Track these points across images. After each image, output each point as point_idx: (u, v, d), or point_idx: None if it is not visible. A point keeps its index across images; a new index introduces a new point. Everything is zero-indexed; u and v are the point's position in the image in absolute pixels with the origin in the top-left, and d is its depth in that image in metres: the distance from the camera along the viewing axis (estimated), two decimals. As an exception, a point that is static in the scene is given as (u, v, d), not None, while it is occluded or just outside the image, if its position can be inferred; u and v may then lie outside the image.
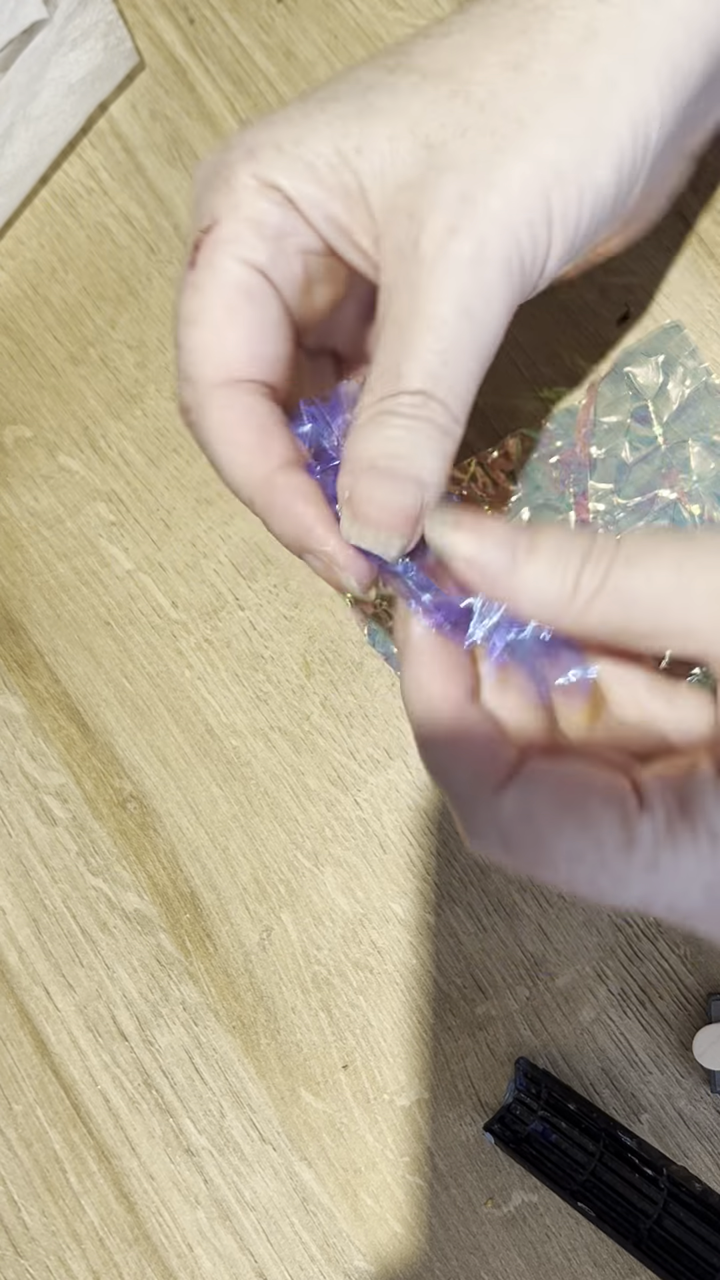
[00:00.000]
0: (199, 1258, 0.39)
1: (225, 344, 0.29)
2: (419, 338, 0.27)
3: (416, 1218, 0.37)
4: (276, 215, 0.28)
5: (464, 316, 0.27)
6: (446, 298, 0.27)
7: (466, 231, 0.27)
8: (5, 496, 0.42)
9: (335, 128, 0.28)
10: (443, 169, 0.27)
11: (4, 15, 0.38)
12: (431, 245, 0.27)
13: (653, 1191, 0.35)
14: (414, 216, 0.27)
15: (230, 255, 0.29)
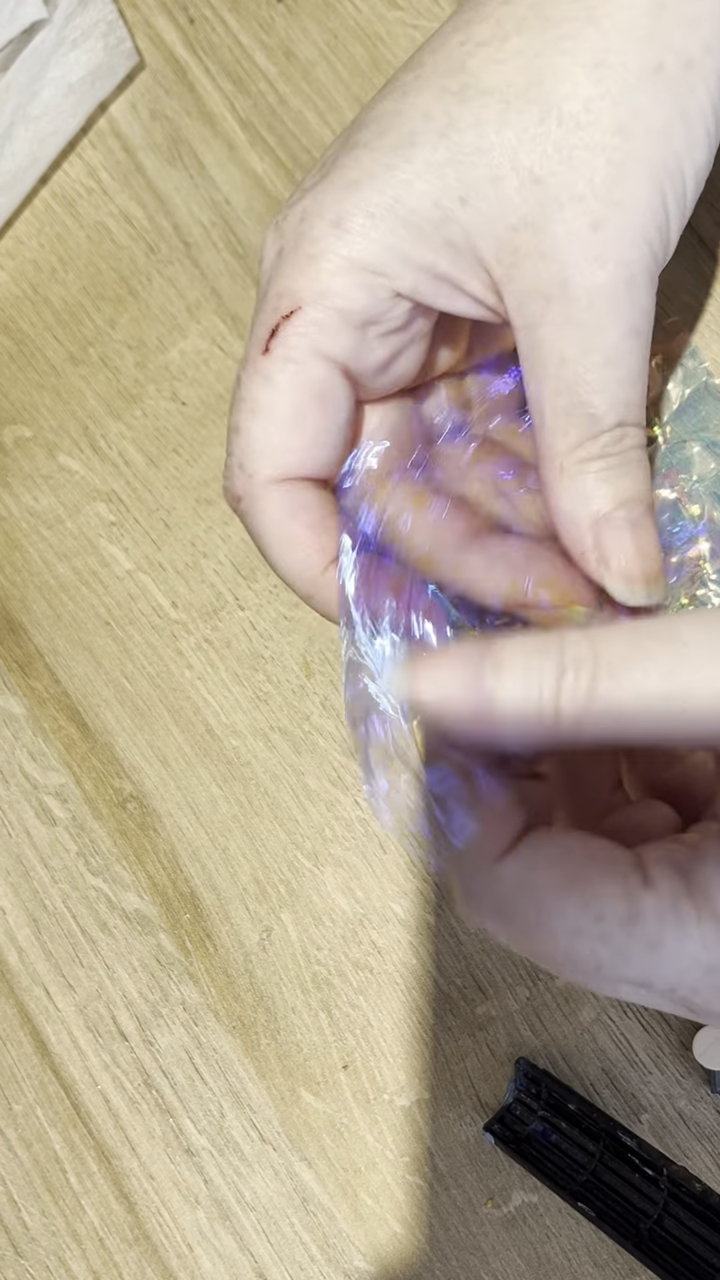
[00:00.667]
0: (199, 1258, 0.39)
1: (291, 445, 0.28)
2: (603, 373, 0.26)
3: (416, 1218, 0.37)
4: (366, 301, 0.27)
5: (634, 337, 0.27)
6: (618, 327, 0.26)
7: (613, 259, 0.26)
8: (5, 496, 0.42)
9: (430, 181, 0.26)
10: (563, 202, 0.26)
11: (4, 15, 0.38)
12: (582, 281, 0.26)
13: (653, 1192, 0.35)
14: (547, 256, 0.26)
15: (312, 349, 0.27)
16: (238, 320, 0.41)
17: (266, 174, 0.41)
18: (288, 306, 0.27)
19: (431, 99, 0.26)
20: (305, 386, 0.27)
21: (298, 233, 0.27)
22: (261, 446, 0.28)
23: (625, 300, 0.26)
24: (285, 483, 0.28)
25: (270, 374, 0.27)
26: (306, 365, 0.27)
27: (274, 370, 0.27)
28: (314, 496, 0.29)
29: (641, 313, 0.27)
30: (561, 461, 0.27)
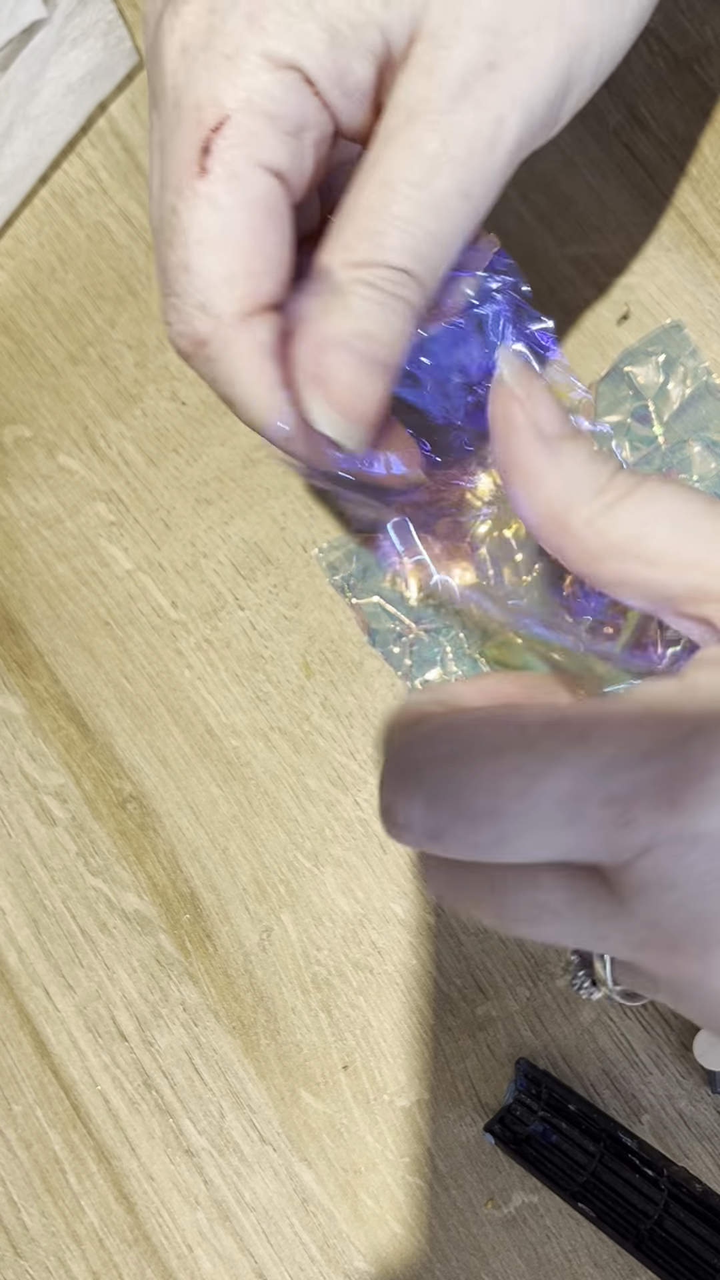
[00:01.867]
0: (199, 1258, 0.38)
1: (253, 270, 0.25)
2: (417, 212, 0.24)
3: (416, 1218, 0.37)
4: (295, 103, 0.24)
5: (463, 198, 0.24)
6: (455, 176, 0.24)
7: (489, 109, 0.24)
8: (5, 496, 0.42)
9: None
10: (475, 27, 0.23)
11: (4, 14, 0.38)
12: (450, 115, 0.24)
13: (653, 1192, 0.35)
14: (433, 74, 0.24)
15: (251, 160, 0.24)
16: (238, 320, 0.41)
17: (266, 173, 0.41)
18: (213, 117, 0.24)
19: None
20: (254, 203, 0.25)
21: (207, 27, 0.24)
22: (223, 278, 0.25)
23: (479, 156, 0.24)
24: (253, 316, 0.26)
25: (214, 196, 0.25)
26: (250, 179, 0.25)
27: (217, 191, 0.24)
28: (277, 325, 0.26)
29: (485, 179, 0.25)
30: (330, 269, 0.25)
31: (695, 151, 0.38)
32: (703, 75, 0.38)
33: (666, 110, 0.38)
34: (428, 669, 0.38)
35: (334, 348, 0.25)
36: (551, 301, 0.38)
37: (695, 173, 0.38)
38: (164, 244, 0.25)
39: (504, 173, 0.25)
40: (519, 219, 0.39)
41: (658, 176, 0.38)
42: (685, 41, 0.38)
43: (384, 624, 0.39)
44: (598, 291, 0.38)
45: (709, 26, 0.38)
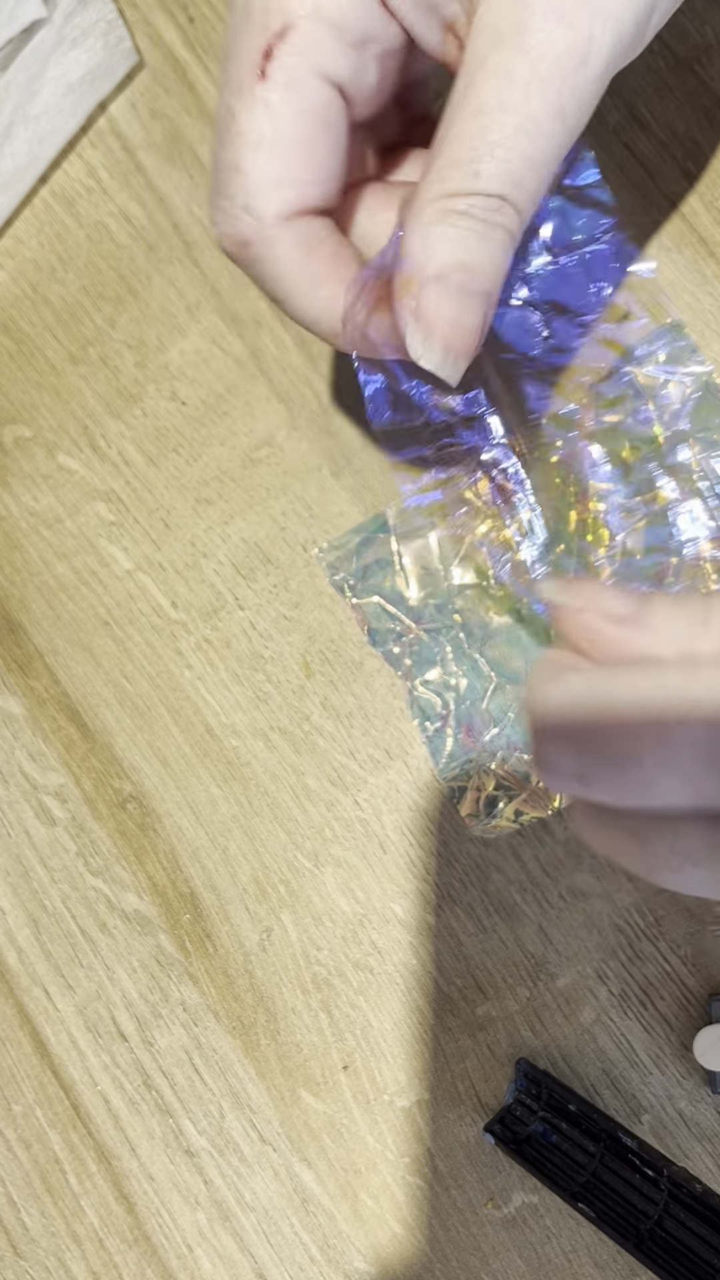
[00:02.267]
0: (199, 1259, 0.38)
1: (300, 177, 0.26)
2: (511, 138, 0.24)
3: (416, 1219, 0.37)
4: (362, 14, 0.25)
5: (557, 119, 0.24)
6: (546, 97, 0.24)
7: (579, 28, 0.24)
8: (4, 496, 0.42)
9: None
10: None
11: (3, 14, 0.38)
12: (537, 35, 0.23)
13: (653, 1193, 0.35)
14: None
15: (312, 69, 0.25)
16: (238, 320, 0.41)
17: (266, 173, 0.41)
18: (279, 23, 0.24)
19: None
20: (310, 112, 0.25)
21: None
22: (271, 181, 0.25)
23: (570, 75, 0.24)
24: (297, 218, 0.26)
25: (270, 100, 0.25)
26: (309, 88, 0.25)
27: (274, 96, 0.25)
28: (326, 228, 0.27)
29: (578, 98, 0.24)
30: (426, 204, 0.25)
31: (695, 151, 0.38)
32: (703, 75, 0.38)
33: (666, 110, 0.38)
34: (428, 669, 0.38)
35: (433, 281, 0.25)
36: (551, 301, 0.38)
37: (695, 172, 0.38)
38: (219, 144, 0.25)
39: (597, 91, 0.25)
40: (519, 219, 0.39)
41: (657, 176, 0.38)
42: (685, 41, 0.38)
43: (384, 624, 0.39)
44: (598, 291, 0.38)
45: (709, 26, 0.38)
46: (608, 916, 0.36)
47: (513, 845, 0.37)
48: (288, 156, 0.25)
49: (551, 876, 0.37)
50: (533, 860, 0.37)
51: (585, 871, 0.37)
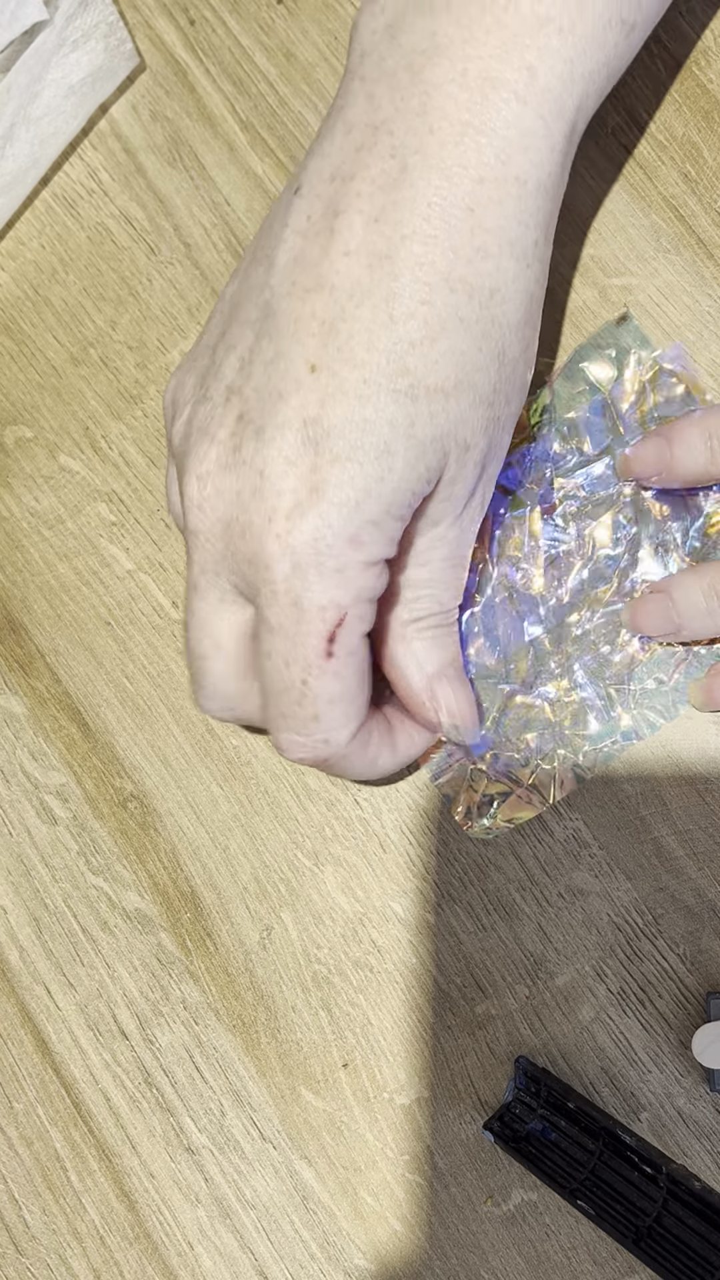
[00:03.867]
0: (199, 1256, 0.39)
1: (360, 709, 0.33)
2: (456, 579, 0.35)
3: (416, 1216, 0.37)
4: (380, 579, 0.32)
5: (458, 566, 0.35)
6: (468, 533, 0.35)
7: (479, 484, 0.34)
8: (6, 497, 0.43)
9: (409, 480, 0.31)
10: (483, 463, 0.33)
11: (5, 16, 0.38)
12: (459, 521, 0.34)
13: (652, 1190, 0.35)
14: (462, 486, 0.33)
15: (357, 635, 0.32)
16: (238, 321, 0.41)
17: (267, 175, 0.41)
18: (335, 616, 0.31)
19: (390, 403, 0.30)
20: (360, 664, 0.32)
21: (317, 552, 0.30)
22: (342, 722, 0.33)
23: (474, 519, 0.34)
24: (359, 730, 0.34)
25: (339, 671, 0.32)
26: (360, 651, 0.32)
27: (341, 668, 0.32)
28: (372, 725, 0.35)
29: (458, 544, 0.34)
30: (403, 631, 0.34)
31: (694, 153, 0.38)
32: (701, 77, 0.38)
33: (665, 112, 0.38)
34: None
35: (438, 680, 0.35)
36: (550, 303, 0.38)
37: (694, 174, 0.38)
38: (292, 702, 0.32)
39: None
40: (518, 220, 0.39)
41: (656, 178, 0.38)
42: (684, 43, 0.38)
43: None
44: (597, 293, 0.38)
45: (708, 29, 0.38)
46: (606, 915, 0.37)
47: (512, 844, 0.37)
48: (350, 705, 0.33)
49: (550, 875, 0.37)
50: (532, 859, 0.37)
51: (584, 870, 0.37)
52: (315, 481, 0.30)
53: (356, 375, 0.30)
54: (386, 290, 0.30)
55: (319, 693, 0.32)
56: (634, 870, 0.36)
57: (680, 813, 0.36)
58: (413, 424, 0.30)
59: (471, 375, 0.31)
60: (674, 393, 0.37)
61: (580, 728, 0.37)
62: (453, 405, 0.31)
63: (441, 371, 0.31)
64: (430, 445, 0.31)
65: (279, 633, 0.31)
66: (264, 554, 0.31)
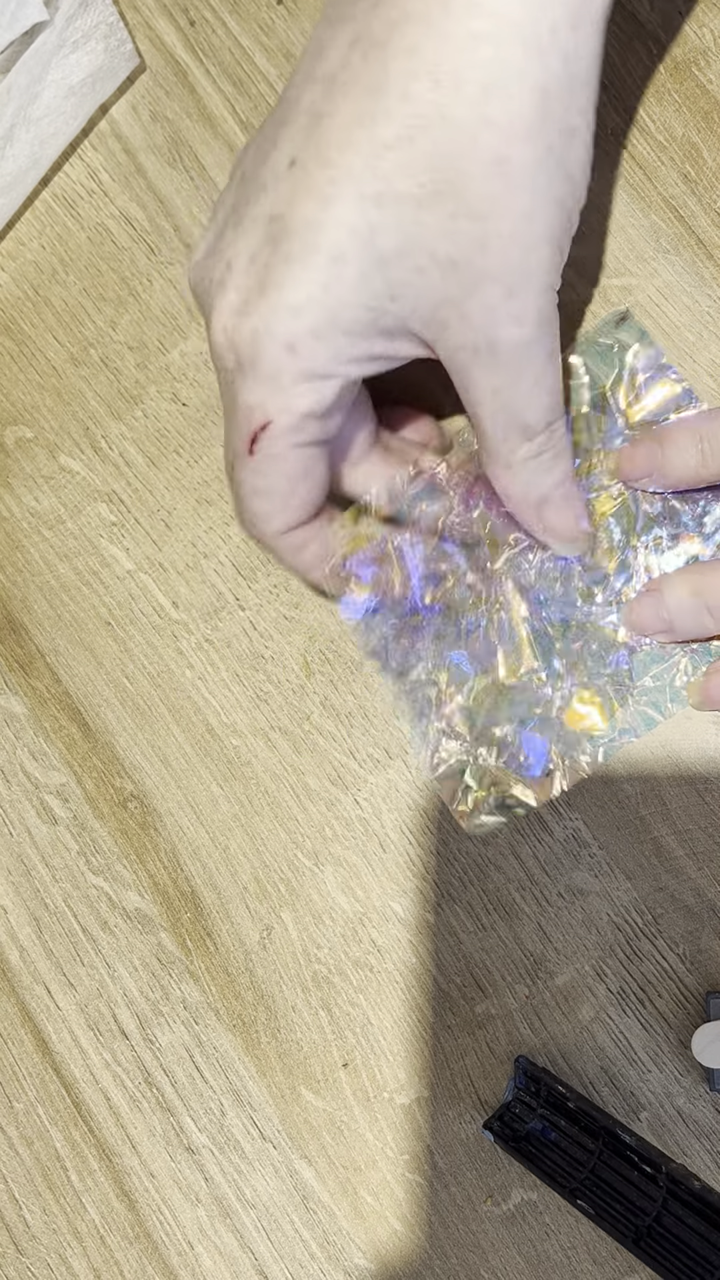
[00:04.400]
0: (199, 1255, 0.39)
1: (289, 510, 0.33)
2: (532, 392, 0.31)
3: (416, 1215, 0.37)
4: (322, 399, 0.30)
5: (552, 358, 0.31)
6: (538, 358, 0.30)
7: (529, 317, 0.30)
8: (6, 497, 0.43)
9: (362, 290, 0.29)
10: (478, 281, 0.29)
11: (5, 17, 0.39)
12: (506, 339, 0.30)
13: (651, 1189, 0.35)
14: (470, 322, 0.29)
15: (289, 444, 0.31)
16: (238, 321, 0.41)
17: (267, 176, 0.41)
18: (260, 419, 0.31)
19: (354, 208, 0.28)
20: (289, 472, 0.32)
21: (252, 352, 0.30)
22: (265, 515, 0.33)
23: (544, 340, 0.30)
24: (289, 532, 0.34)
25: (258, 468, 0.32)
26: (287, 457, 0.32)
27: (261, 466, 0.32)
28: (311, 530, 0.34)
29: (554, 336, 0.31)
30: (508, 459, 0.33)
31: (694, 154, 0.38)
32: (701, 78, 0.38)
33: (665, 113, 0.38)
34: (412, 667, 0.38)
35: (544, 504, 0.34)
36: (550, 303, 0.38)
37: (693, 175, 0.38)
38: (228, 479, 0.33)
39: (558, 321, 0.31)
40: (518, 221, 0.39)
41: (656, 179, 0.38)
42: (684, 44, 0.38)
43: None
44: (597, 293, 0.38)
45: (708, 29, 0.38)
46: (606, 915, 0.37)
47: (511, 844, 0.37)
48: (276, 502, 0.33)
49: (550, 875, 0.37)
50: (531, 859, 0.37)
51: (584, 870, 0.37)
52: (265, 280, 0.29)
53: (324, 175, 0.28)
54: (371, 82, 0.28)
55: (241, 481, 0.32)
56: (634, 870, 0.36)
57: (680, 813, 0.36)
58: (374, 232, 0.28)
59: (454, 183, 0.27)
60: (667, 395, 0.37)
61: (577, 723, 0.37)
62: (428, 216, 0.28)
63: (414, 175, 0.28)
64: (396, 257, 0.28)
65: (225, 416, 0.32)
66: (214, 346, 0.31)
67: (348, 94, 0.28)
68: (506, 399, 0.31)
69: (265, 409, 0.30)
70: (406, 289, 0.29)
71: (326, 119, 0.28)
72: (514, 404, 0.31)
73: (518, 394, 0.31)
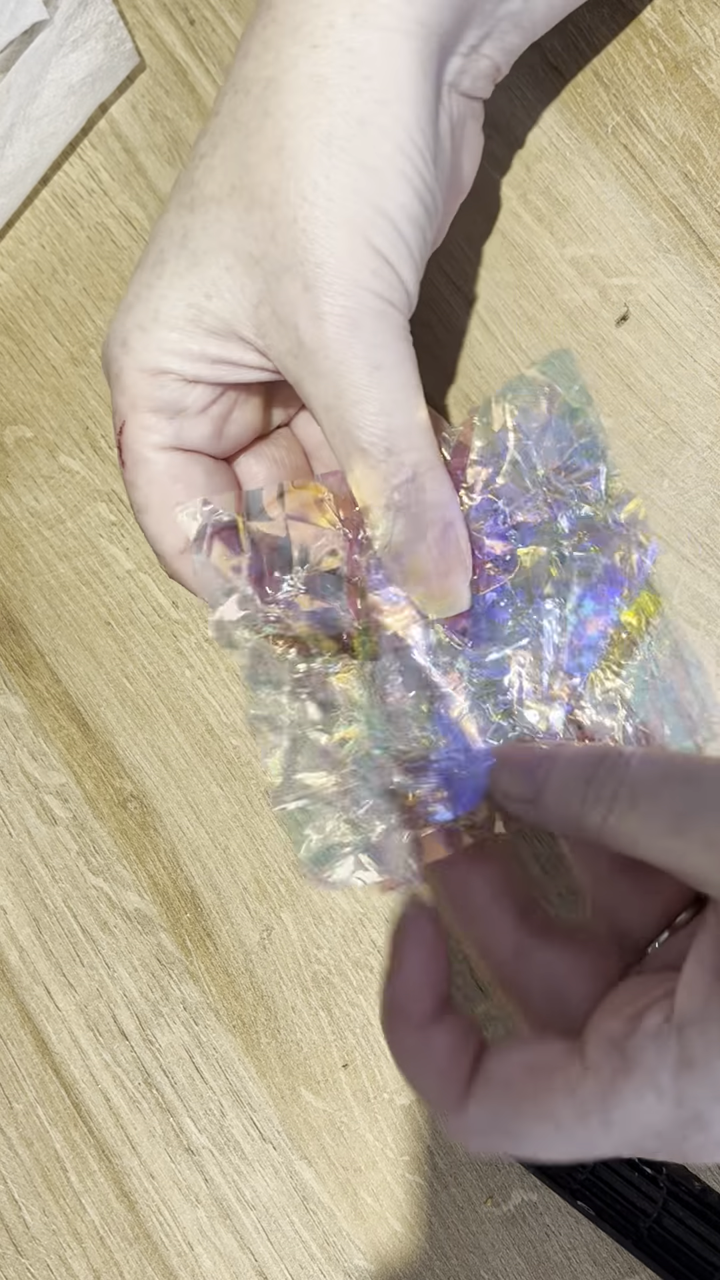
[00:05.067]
0: (199, 1256, 0.39)
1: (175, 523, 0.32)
2: (358, 411, 0.29)
3: (416, 1216, 0.37)
4: (169, 393, 0.31)
5: (376, 372, 0.29)
6: (356, 369, 0.29)
7: (329, 313, 0.29)
8: (6, 497, 0.43)
9: (178, 287, 0.30)
10: (278, 273, 0.29)
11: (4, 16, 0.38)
12: (311, 338, 0.29)
13: (652, 1190, 0.35)
14: (283, 321, 0.29)
15: (147, 446, 0.31)
16: (238, 321, 0.41)
17: (267, 175, 0.41)
18: (118, 423, 0.31)
19: (174, 215, 0.31)
20: (158, 475, 0.32)
21: (106, 358, 0.31)
22: (156, 533, 0.32)
23: (355, 344, 0.29)
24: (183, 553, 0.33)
25: (132, 480, 0.32)
26: (151, 459, 0.32)
27: (133, 476, 0.32)
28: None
29: (378, 349, 0.29)
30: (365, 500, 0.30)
31: (694, 153, 0.38)
32: (702, 77, 0.38)
33: (665, 111, 0.38)
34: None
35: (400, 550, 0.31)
36: (551, 302, 0.38)
37: (694, 174, 0.38)
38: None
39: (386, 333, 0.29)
40: (518, 220, 0.39)
41: (656, 178, 0.38)
42: (684, 43, 0.38)
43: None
44: (597, 293, 0.38)
45: (708, 28, 0.38)
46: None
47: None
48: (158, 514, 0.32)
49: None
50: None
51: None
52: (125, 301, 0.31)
53: (173, 195, 0.31)
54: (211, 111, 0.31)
55: (131, 499, 0.32)
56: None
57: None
58: (187, 234, 0.30)
59: (244, 178, 0.29)
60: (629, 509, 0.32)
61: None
62: (227, 213, 0.29)
63: (216, 178, 0.30)
64: (205, 256, 0.30)
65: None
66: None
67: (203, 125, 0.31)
68: (338, 417, 0.30)
69: (119, 410, 0.31)
70: (218, 287, 0.30)
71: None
72: (344, 423, 0.30)
73: (344, 410, 0.29)
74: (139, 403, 0.31)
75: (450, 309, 0.39)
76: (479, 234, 0.39)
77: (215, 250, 0.30)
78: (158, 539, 0.32)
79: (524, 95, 0.39)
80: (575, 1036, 0.27)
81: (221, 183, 0.30)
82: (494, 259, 0.39)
